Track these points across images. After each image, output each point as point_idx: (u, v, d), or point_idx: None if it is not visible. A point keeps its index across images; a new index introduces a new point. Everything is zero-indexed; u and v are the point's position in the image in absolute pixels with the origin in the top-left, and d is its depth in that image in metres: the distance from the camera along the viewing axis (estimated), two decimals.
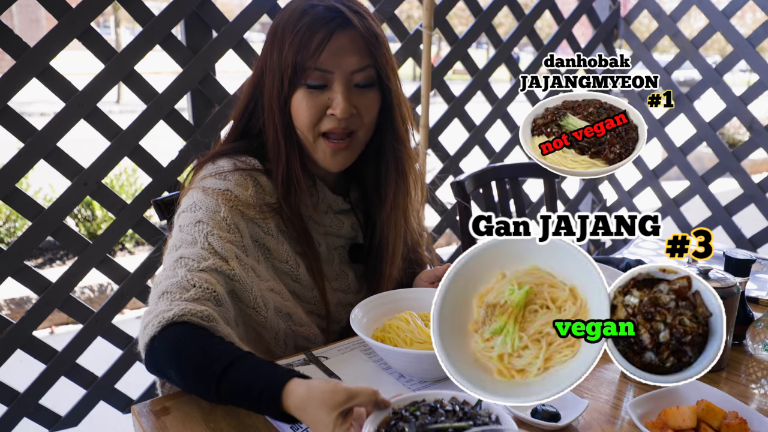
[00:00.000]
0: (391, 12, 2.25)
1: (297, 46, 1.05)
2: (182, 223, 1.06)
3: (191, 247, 1.01)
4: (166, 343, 0.90)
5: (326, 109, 1.08)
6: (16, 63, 1.62)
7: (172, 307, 0.92)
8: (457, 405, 0.80)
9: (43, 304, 1.81)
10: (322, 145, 1.11)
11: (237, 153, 1.15)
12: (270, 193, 1.13)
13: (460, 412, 0.78)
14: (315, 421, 0.78)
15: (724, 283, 1.04)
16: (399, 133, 1.18)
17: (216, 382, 0.84)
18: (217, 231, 1.03)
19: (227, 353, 0.87)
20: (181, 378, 0.90)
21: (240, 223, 1.06)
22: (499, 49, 2.60)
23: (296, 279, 1.15)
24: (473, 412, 0.78)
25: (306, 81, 1.07)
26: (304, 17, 1.05)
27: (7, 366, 1.79)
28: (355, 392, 0.78)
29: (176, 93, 1.88)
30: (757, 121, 2.70)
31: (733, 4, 2.67)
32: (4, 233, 4.10)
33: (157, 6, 1.96)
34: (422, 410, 0.78)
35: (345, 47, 1.06)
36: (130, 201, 1.88)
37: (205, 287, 0.96)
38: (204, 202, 1.06)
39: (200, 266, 0.98)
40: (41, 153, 1.71)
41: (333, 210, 1.22)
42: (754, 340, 1.09)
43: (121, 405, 2.06)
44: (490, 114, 2.68)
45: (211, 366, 0.85)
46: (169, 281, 0.97)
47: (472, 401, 0.80)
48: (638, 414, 0.88)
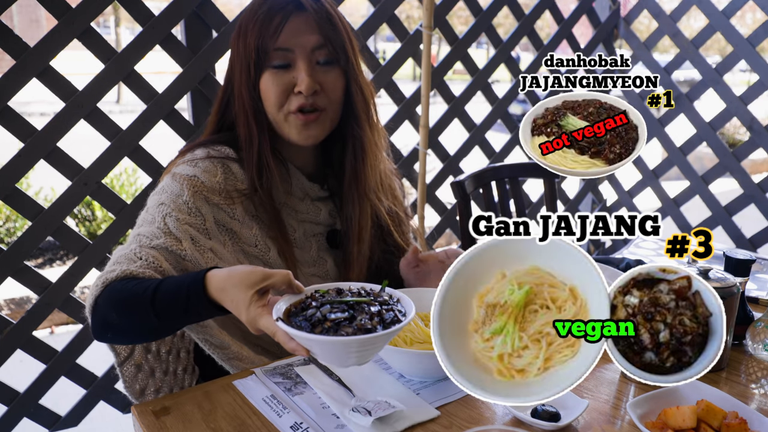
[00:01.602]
0: (391, 12, 2.25)
1: (258, 32, 1.11)
2: (148, 205, 1.12)
3: (149, 225, 1.07)
4: (106, 295, 0.96)
5: (292, 87, 1.13)
6: (16, 63, 1.62)
7: (115, 269, 0.98)
8: (362, 290, 0.88)
9: (43, 304, 1.81)
10: (292, 120, 1.15)
11: (213, 143, 1.20)
12: (242, 180, 1.17)
13: (364, 294, 0.86)
14: (234, 300, 0.85)
15: (724, 283, 1.04)
16: (356, 110, 1.22)
17: (150, 302, 0.90)
18: (176, 213, 1.08)
19: (157, 280, 0.94)
20: (120, 315, 0.95)
21: (203, 206, 1.11)
22: (499, 49, 2.60)
23: (266, 263, 1.18)
24: (375, 292, 0.86)
25: (271, 63, 1.12)
26: (263, 6, 1.13)
27: (7, 366, 1.79)
28: (271, 273, 0.84)
29: (176, 93, 1.88)
30: (757, 121, 2.70)
31: (733, 4, 2.67)
32: (4, 233, 4.10)
33: (157, 6, 1.96)
34: (330, 291, 0.86)
35: (302, 27, 1.12)
36: (130, 201, 1.88)
37: (150, 261, 1.01)
38: (170, 186, 1.11)
39: (152, 243, 1.04)
40: (41, 153, 1.71)
41: (310, 197, 1.25)
42: (754, 340, 1.09)
43: (121, 405, 2.06)
44: (490, 114, 2.68)
45: (145, 291, 0.92)
46: (120, 253, 1.03)
47: (377, 289, 0.88)
48: (638, 414, 0.88)
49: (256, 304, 0.82)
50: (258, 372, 1.03)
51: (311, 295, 0.85)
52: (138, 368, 1.14)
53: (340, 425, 0.89)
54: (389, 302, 0.85)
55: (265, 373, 1.03)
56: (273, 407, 0.93)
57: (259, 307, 0.82)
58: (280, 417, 0.91)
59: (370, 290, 0.88)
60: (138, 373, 1.14)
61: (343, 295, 0.85)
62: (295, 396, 0.96)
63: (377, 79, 2.27)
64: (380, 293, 0.87)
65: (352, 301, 0.82)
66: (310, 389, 0.98)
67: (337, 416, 0.90)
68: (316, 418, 0.90)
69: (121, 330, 0.99)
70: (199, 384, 1.11)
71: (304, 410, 0.92)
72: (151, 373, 1.15)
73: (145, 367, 1.15)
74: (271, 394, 0.97)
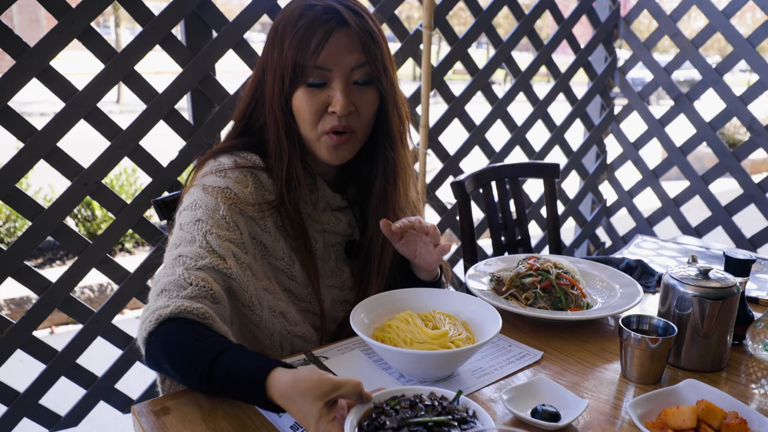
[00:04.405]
0: (391, 12, 2.25)
1: (297, 46, 1.06)
2: (182, 221, 1.07)
3: (190, 245, 1.03)
4: (162, 339, 0.92)
5: (326, 106, 1.10)
6: (16, 63, 1.62)
7: (169, 304, 0.93)
8: (435, 400, 0.82)
9: (43, 304, 1.81)
10: (324, 140, 1.13)
11: (238, 149, 1.16)
12: (270, 191, 1.14)
13: (438, 407, 0.80)
14: (301, 411, 0.79)
15: (724, 283, 1.04)
16: (392, 132, 1.19)
17: (207, 371, 0.87)
18: (216, 230, 1.04)
19: (219, 344, 0.89)
20: (175, 370, 0.92)
21: (239, 220, 1.08)
22: (499, 49, 2.60)
23: (291, 276, 1.16)
24: (451, 407, 0.81)
25: (306, 80, 1.08)
26: (303, 17, 1.07)
27: (7, 366, 1.79)
28: (341, 383, 0.79)
29: (176, 93, 1.88)
30: (757, 121, 2.70)
31: (733, 4, 2.68)
32: (4, 233, 4.10)
33: (157, 6, 1.96)
34: (402, 405, 0.80)
35: (343, 45, 1.07)
36: (130, 201, 1.88)
37: (201, 285, 0.97)
38: (204, 200, 1.07)
39: (197, 264, 1.00)
40: (41, 153, 1.71)
41: (331, 207, 1.23)
42: (754, 340, 1.09)
43: (121, 405, 2.06)
44: (490, 114, 2.68)
45: (203, 356, 0.88)
46: (167, 279, 0.99)
47: (449, 396, 0.83)
48: (638, 414, 0.87)
49: (326, 418, 0.77)
50: None
51: (383, 409, 0.80)
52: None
53: None
54: (467, 419, 0.79)
55: None
56: None
57: (329, 422, 0.77)
58: (280, 417, 0.91)
59: (441, 398, 0.83)
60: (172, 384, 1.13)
61: (417, 409, 0.79)
62: None
63: None
64: (455, 407, 0.81)
65: (431, 423, 0.77)
66: None
67: None
68: None
69: (174, 378, 0.99)
70: None
71: None
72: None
73: None
74: None
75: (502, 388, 0.97)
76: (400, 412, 0.79)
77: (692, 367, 1.06)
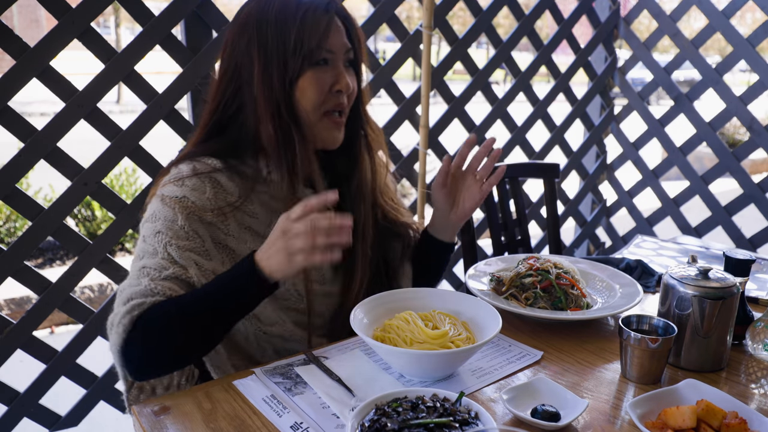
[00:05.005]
0: (391, 12, 2.25)
1: (306, 30, 1.08)
2: (145, 234, 1.09)
3: (152, 257, 1.05)
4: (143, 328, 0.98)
5: (331, 87, 1.13)
6: (16, 63, 1.62)
7: (143, 302, 0.99)
8: (437, 401, 0.83)
9: (43, 304, 1.81)
10: (325, 123, 1.16)
11: (198, 155, 1.14)
12: (231, 192, 1.12)
13: (440, 408, 0.81)
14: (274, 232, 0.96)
15: (724, 283, 1.04)
16: (366, 110, 1.25)
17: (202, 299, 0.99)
18: (176, 240, 1.06)
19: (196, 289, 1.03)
20: (170, 335, 0.99)
21: (199, 228, 1.08)
22: (499, 49, 2.60)
23: None
24: (453, 408, 0.81)
25: (315, 61, 1.11)
26: (302, 4, 1.09)
27: (7, 366, 1.79)
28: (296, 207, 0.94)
29: (176, 93, 1.88)
30: (757, 121, 2.70)
31: (733, 4, 2.68)
32: (4, 233, 4.10)
33: (157, 6, 1.96)
34: (404, 406, 0.81)
35: (340, 29, 1.13)
36: (130, 201, 1.88)
37: (168, 294, 1.01)
38: (162, 211, 1.08)
39: (162, 275, 1.03)
40: (41, 153, 1.71)
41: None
42: (754, 340, 1.09)
43: (121, 405, 2.05)
44: (490, 114, 2.68)
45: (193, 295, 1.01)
46: (132, 289, 1.02)
47: (452, 398, 0.84)
48: (638, 414, 0.87)
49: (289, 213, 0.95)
50: (258, 372, 1.04)
51: (384, 411, 0.80)
52: (140, 390, 1.16)
53: (340, 425, 0.89)
54: (469, 420, 0.79)
55: (265, 373, 1.03)
56: (273, 407, 0.93)
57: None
58: (280, 417, 0.91)
59: (444, 399, 0.84)
60: (140, 394, 1.16)
61: (419, 411, 0.80)
62: (295, 396, 0.96)
63: (377, 79, 2.27)
64: (457, 408, 0.82)
65: (433, 425, 0.77)
66: (310, 389, 0.98)
67: (337, 416, 0.90)
68: (316, 418, 0.90)
69: (163, 354, 1.01)
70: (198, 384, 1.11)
71: (304, 410, 0.92)
72: (152, 391, 1.17)
73: (146, 387, 1.17)
74: (271, 394, 0.97)
75: (502, 388, 0.97)
76: (401, 414, 0.79)
77: (692, 367, 1.06)
